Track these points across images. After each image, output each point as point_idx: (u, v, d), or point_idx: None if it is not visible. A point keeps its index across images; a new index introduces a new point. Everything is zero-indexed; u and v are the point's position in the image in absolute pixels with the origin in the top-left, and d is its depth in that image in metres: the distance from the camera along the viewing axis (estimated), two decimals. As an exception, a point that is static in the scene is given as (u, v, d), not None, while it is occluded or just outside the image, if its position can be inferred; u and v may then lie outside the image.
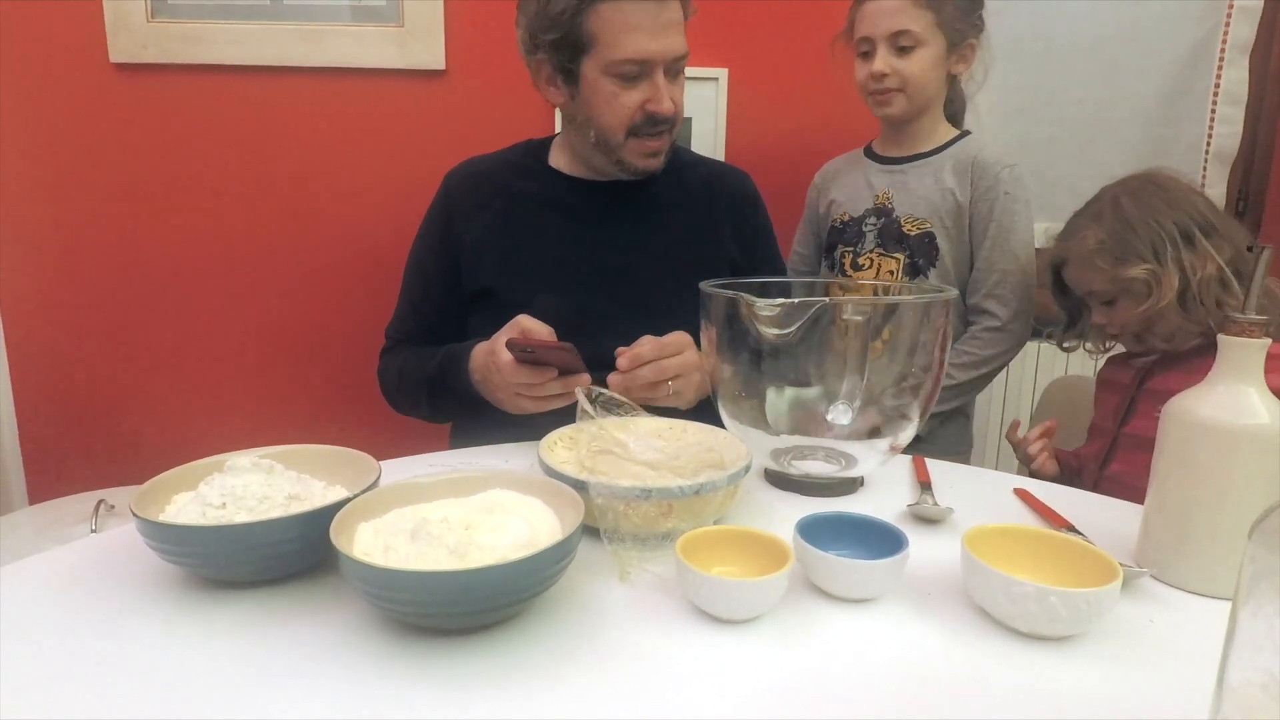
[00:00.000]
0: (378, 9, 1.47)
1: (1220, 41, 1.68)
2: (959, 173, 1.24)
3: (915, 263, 1.26)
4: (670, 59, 1.02)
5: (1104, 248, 1.03)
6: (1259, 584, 0.33)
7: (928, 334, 0.75)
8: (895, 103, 1.22)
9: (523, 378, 0.88)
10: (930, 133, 1.28)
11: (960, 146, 1.26)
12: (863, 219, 1.31)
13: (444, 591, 0.50)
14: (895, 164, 1.30)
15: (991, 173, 1.21)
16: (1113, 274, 1.03)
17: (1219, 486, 0.60)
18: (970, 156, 1.23)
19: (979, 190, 1.22)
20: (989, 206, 1.22)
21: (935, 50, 1.19)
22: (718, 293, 0.77)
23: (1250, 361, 0.60)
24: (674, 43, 1.02)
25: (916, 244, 1.25)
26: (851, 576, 0.58)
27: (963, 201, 1.23)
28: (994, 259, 1.22)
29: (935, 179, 1.25)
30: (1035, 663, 0.51)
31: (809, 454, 0.81)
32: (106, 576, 0.60)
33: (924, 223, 1.25)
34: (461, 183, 1.19)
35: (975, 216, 1.23)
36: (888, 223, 1.28)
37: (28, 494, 1.56)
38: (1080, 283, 1.10)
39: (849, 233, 1.32)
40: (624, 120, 1.04)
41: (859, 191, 1.32)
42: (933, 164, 1.26)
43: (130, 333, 1.55)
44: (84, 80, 1.45)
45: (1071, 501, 0.78)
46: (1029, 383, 1.72)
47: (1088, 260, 1.06)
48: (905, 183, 1.28)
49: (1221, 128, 1.71)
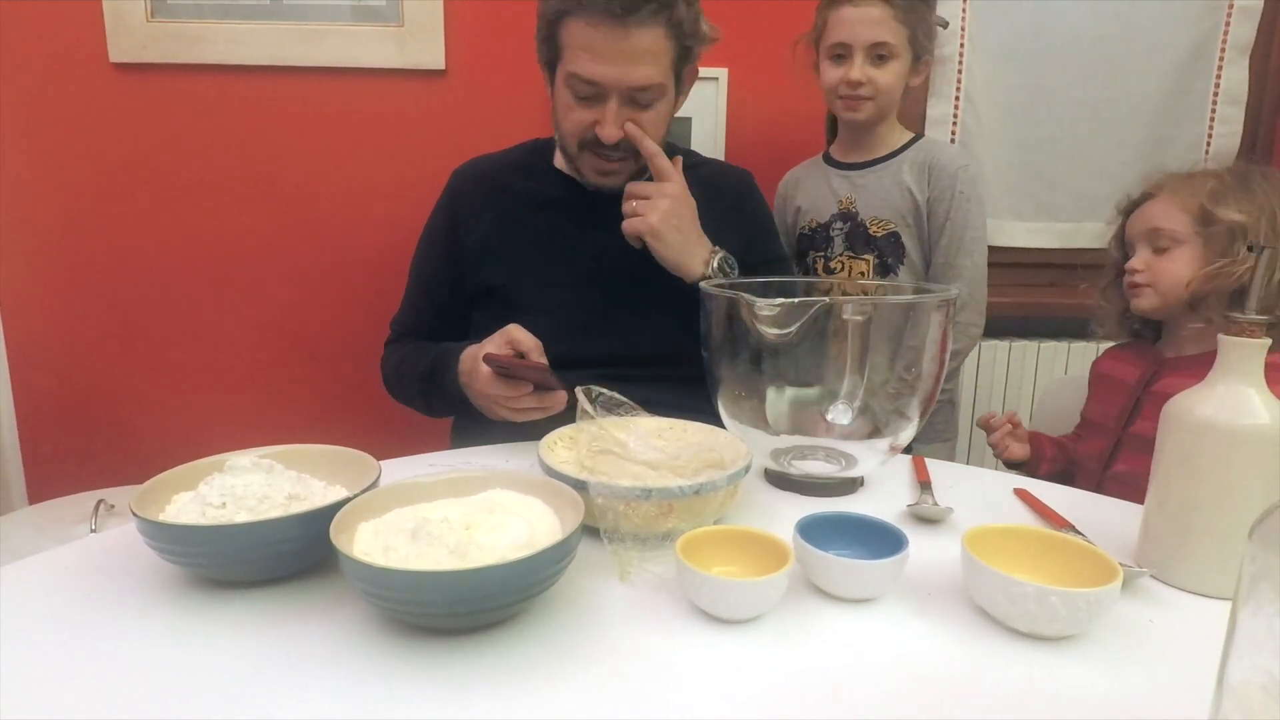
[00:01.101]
0: (378, 9, 1.47)
1: (1220, 41, 1.67)
2: (917, 174, 1.28)
3: (885, 262, 1.30)
4: (626, 88, 0.99)
5: (1216, 190, 0.99)
6: (1259, 584, 0.33)
7: (929, 334, 0.75)
8: (865, 109, 1.26)
9: (498, 390, 0.90)
10: (886, 137, 1.33)
11: (916, 149, 1.31)
12: (830, 224, 1.34)
13: (444, 591, 0.50)
14: (854, 169, 1.34)
15: (948, 173, 1.26)
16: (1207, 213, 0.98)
17: (1219, 486, 0.60)
18: (927, 158, 1.28)
19: (936, 190, 1.27)
20: (946, 206, 1.27)
21: (904, 63, 1.25)
22: (718, 293, 0.78)
23: (1250, 361, 0.60)
24: (635, 73, 0.98)
25: (884, 244, 1.30)
26: (851, 576, 0.58)
27: (921, 201, 1.28)
28: (950, 256, 1.27)
29: (894, 181, 1.30)
30: (1035, 663, 0.51)
31: (809, 454, 0.81)
32: (106, 576, 0.60)
33: (888, 223, 1.30)
34: (465, 183, 1.19)
35: (933, 215, 1.28)
36: (854, 226, 1.32)
37: (28, 494, 1.56)
38: (1155, 216, 1.03)
39: (818, 238, 1.36)
40: (574, 133, 1.05)
41: (823, 198, 1.36)
42: (890, 167, 1.31)
43: (130, 332, 1.55)
44: (84, 80, 1.45)
45: (1071, 501, 0.78)
46: (1029, 383, 1.72)
47: (1188, 197, 1.00)
48: (866, 186, 1.32)
49: (1221, 128, 1.71)
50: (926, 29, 1.26)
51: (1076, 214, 1.76)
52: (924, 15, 1.26)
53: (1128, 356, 1.13)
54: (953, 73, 1.66)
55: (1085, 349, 1.70)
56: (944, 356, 0.77)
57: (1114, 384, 1.12)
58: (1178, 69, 1.69)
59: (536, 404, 0.90)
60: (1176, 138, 1.72)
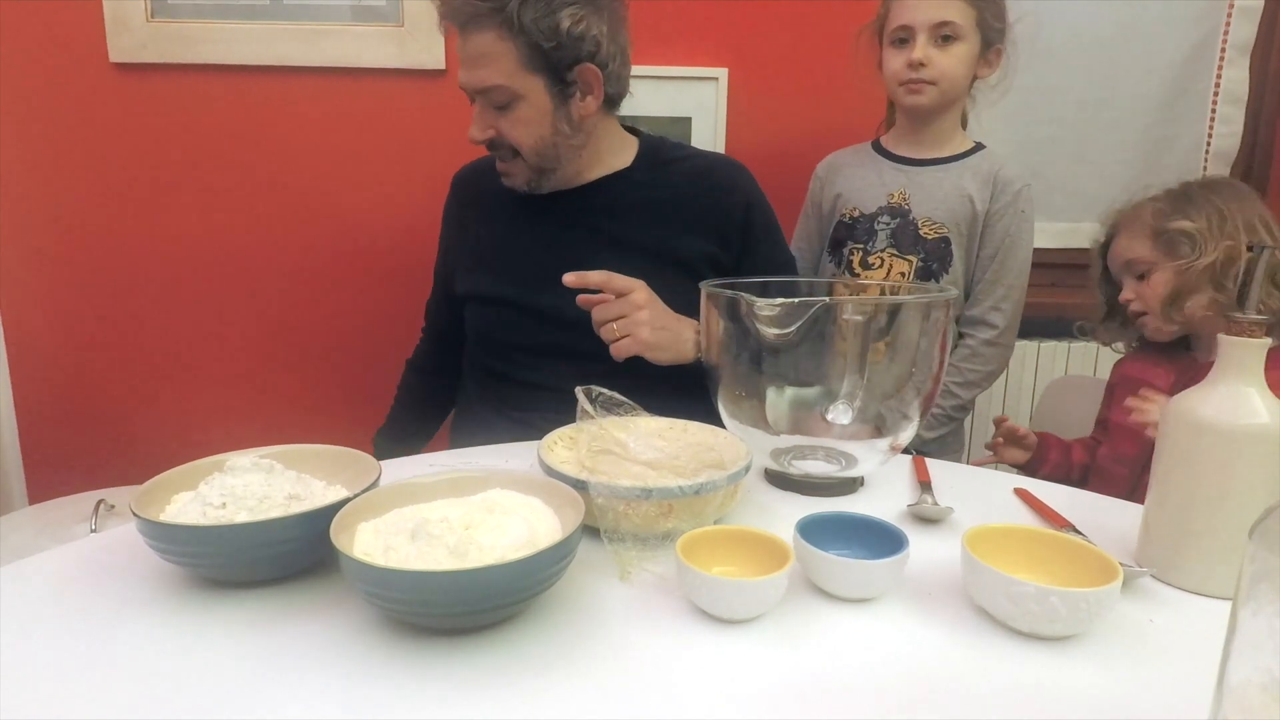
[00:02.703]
0: (378, 9, 1.47)
1: (1220, 41, 1.68)
2: (981, 182, 1.24)
3: (929, 266, 1.25)
4: (474, 90, 1.03)
5: (1159, 208, 1.07)
6: (1259, 584, 0.33)
7: (929, 334, 0.75)
8: (927, 94, 1.20)
9: None
10: (949, 136, 1.27)
11: (981, 157, 1.26)
12: (875, 216, 1.28)
13: (444, 591, 0.50)
14: (912, 164, 1.28)
15: (1013, 189, 1.23)
16: (1159, 228, 1.05)
17: (1219, 486, 0.60)
18: (993, 169, 1.24)
19: (998, 203, 1.23)
20: (1006, 221, 1.23)
21: (971, 47, 1.19)
22: (718, 293, 0.77)
23: (1250, 361, 0.60)
24: (473, 75, 1.02)
25: (932, 248, 1.25)
26: (851, 576, 0.58)
27: (980, 211, 1.23)
28: (1001, 273, 1.24)
29: (955, 185, 1.24)
30: (1035, 663, 0.51)
31: (809, 454, 0.81)
32: (106, 576, 0.60)
33: (941, 227, 1.24)
34: (456, 186, 1.23)
35: (989, 228, 1.24)
36: (903, 224, 1.26)
37: (28, 494, 1.56)
38: (1124, 251, 1.11)
39: (859, 229, 1.29)
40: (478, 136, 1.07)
41: (870, 187, 1.30)
42: (953, 170, 1.25)
43: (130, 332, 1.55)
44: (84, 80, 1.44)
45: (1071, 502, 0.78)
46: (1029, 383, 1.72)
47: (1142, 224, 1.08)
48: (923, 184, 1.26)
49: (1221, 128, 1.71)
50: (996, 10, 1.20)
51: (1076, 214, 1.76)
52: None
53: (1158, 360, 1.12)
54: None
55: (1085, 349, 1.70)
56: (944, 357, 0.77)
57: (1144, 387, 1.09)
58: (1178, 69, 1.69)
59: None
60: (1176, 138, 1.72)
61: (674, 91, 1.24)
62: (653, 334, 0.96)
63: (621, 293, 0.96)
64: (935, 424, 1.27)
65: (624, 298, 0.96)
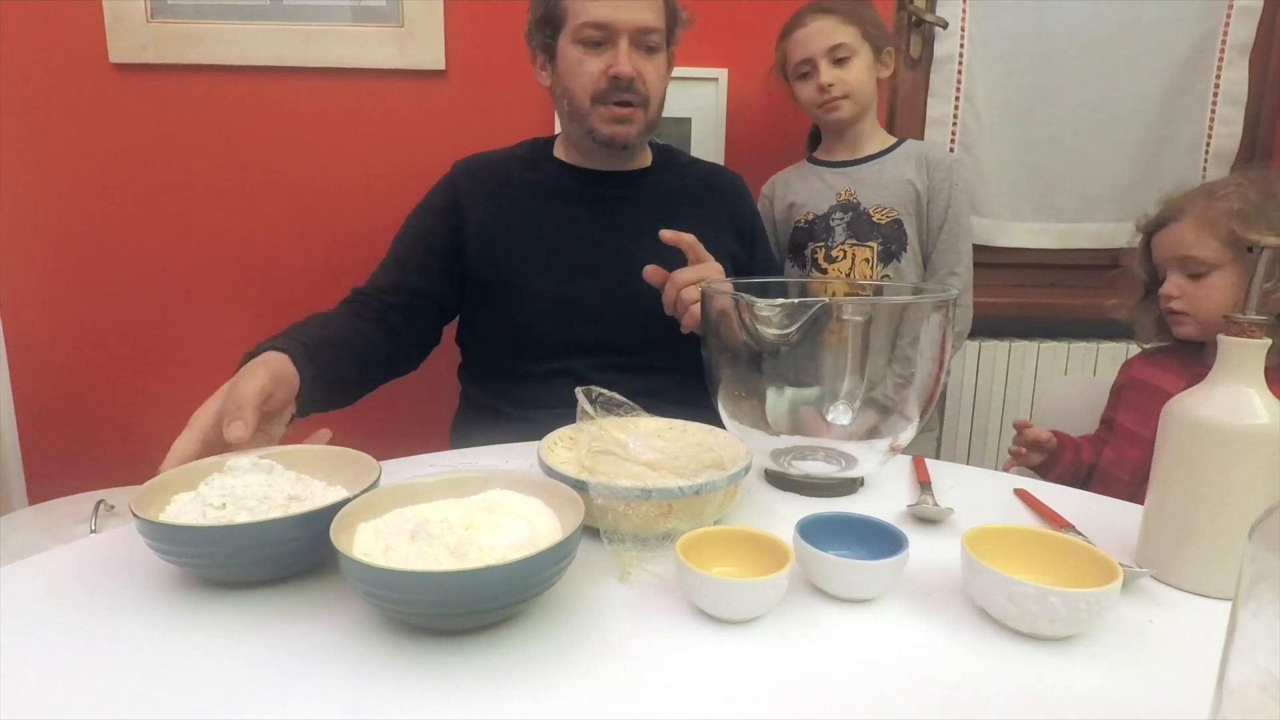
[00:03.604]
0: (378, 9, 1.47)
1: (1220, 41, 1.67)
2: (915, 166, 1.36)
3: (889, 248, 1.35)
4: (634, 29, 1.06)
5: (1242, 212, 0.97)
6: (1259, 584, 0.33)
7: (930, 333, 0.75)
8: (844, 107, 1.33)
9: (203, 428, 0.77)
10: (871, 136, 1.40)
11: (908, 146, 1.39)
12: (829, 215, 1.38)
13: (444, 591, 0.50)
14: (849, 165, 1.40)
15: (944, 166, 1.36)
16: (1237, 238, 0.96)
17: (1219, 486, 0.60)
18: (921, 152, 1.38)
19: (934, 181, 1.35)
20: (945, 195, 1.35)
21: (866, 58, 1.33)
22: (717, 293, 0.77)
23: (1250, 361, 0.60)
24: (637, 14, 1.06)
25: (888, 231, 1.35)
26: (851, 576, 0.58)
27: (921, 190, 1.36)
28: (953, 240, 1.36)
29: (893, 172, 1.36)
30: (1035, 663, 0.51)
31: (809, 454, 0.81)
32: (106, 576, 0.60)
33: (892, 210, 1.35)
34: (468, 171, 1.20)
35: (932, 204, 1.36)
36: (856, 215, 1.37)
37: (28, 494, 1.56)
38: (1185, 244, 1.01)
39: (817, 229, 1.39)
40: (589, 85, 1.08)
41: (817, 192, 1.40)
42: (886, 161, 1.38)
43: (130, 333, 1.55)
44: (84, 80, 1.44)
45: (1071, 501, 0.78)
46: (1029, 383, 1.72)
47: (1215, 221, 0.98)
48: (865, 179, 1.38)
49: (1221, 128, 1.71)
50: (874, 21, 1.34)
51: (1076, 214, 1.76)
52: (866, 12, 1.34)
53: (1168, 364, 1.09)
54: (952, 73, 1.66)
55: (1085, 349, 1.70)
56: (943, 356, 0.77)
57: (1154, 392, 1.07)
58: (1178, 69, 1.69)
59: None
60: (1176, 138, 1.72)
61: (674, 92, 1.26)
62: None
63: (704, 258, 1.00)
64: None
65: (705, 263, 1.00)
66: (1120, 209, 1.74)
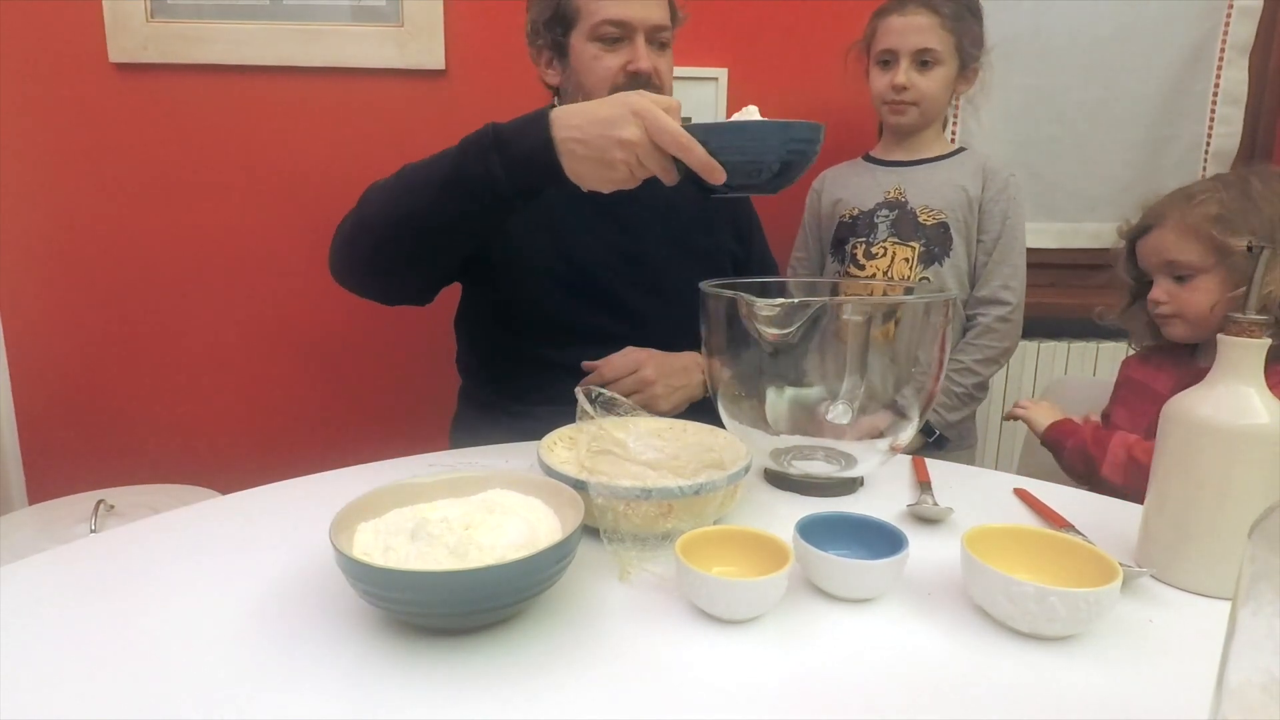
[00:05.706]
0: (378, 9, 1.47)
1: (1220, 41, 1.67)
2: (970, 174, 1.31)
3: (931, 250, 1.31)
4: (649, 26, 1.06)
5: (1222, 217, 0.97)
6: (1259, 584, 0.33)
7: (929, 334, 0.75)
8: (909, 114, 1.30)
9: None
10: (933, 142, 1.36)
11: (967, 154, 1.35)
12: (874, 211, 1.35)
13: (444, 591, 0.50)
14: (903, 165, 1.36)
15: (1001, 177, 1.31)
16: (1219, 243, 0.96)
17: (1219, 486, 0.60)
18: (980, 162, 1.33)
19: (990, 191, 1.30)
20: (1002, 206, 1.30)
21: (950, 70, 1.28)
22: (718, 292, 0.77)
23: (1250, 361, 0.60)
24: (652, 12, 1.07)
25: (932, 233, 1.31)
26: (851, 576, 0.58)
27: (974, 198, 1.30)
28: (1007, 254, 1.31)
29: (946, 177, 1.32)
30: (1035, 663, 0.51)
31: (809, 454, 0.81)
32: (106, 576, 0.60)
33: (939, 213, 1.31)
34: None
35: (986, 214, 1.31)
36: (902, 214, 1.33)
37: (28, 494, 1.56)
38: (1168, 249, 1.02)
39: (860, 225, 1.36)
40: (607, 81, 1.07)
41: (867, 189, 1.37)
42: (942, 166, 1.34)
43: (130, 332, 1.55)
44: (84, 80, 1.44)
45: (1071, 501, 0.78)
46: (1029, 383, 1.72)
47: (1195, 226, 0.99)
48: (916, 180, 1.34)
49: (1221, 128, 1.71)
50: (973, 37, 1.29)
51: (1076, 214, 1.76)
52: (970, 25, 1.28)
53: (1162, 364, 1.10)
54: (952, 73, 1.66)
55: (1085, 349, 1.71)
56: (943, 356, 0.77)
57: (1146, 392, 1.08)
58: (1178, 69, 1.69)
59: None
60: (1176, 138, 1.72)
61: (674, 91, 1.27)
62: (668, 401, 1.01)
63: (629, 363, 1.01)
64: (958, 404, 1.30)
65: (633, 376, 1.00)
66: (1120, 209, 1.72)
